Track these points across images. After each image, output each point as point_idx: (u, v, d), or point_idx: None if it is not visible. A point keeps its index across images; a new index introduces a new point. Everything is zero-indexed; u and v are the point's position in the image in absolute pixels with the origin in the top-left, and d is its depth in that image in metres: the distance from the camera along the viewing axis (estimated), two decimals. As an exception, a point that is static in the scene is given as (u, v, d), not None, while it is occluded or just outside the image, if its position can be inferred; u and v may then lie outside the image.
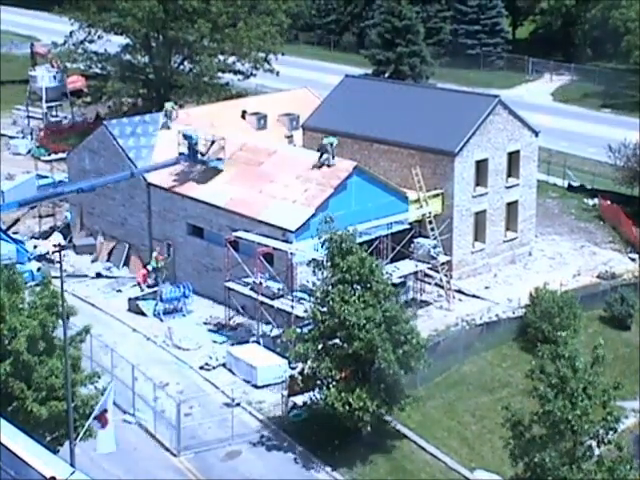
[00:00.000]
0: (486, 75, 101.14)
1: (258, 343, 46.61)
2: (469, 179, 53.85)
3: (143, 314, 50.68)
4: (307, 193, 49.56)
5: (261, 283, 46.79)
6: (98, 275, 55.09)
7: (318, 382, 39.81)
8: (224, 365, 45.62)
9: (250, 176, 52.11)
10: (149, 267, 53.03)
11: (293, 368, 42.35)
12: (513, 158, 56.13)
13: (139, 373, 42.97)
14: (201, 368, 45.66)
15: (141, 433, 40.95)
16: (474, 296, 52.97)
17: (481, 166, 54.41)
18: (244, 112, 61.72)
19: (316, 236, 40.92)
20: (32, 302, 33.06)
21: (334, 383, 38.92)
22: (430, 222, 52.16)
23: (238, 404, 42.41)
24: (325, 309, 38.92)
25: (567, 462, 32.99)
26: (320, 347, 39.13)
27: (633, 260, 58.22)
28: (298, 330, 41.24)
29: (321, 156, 50.99)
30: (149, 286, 52.36)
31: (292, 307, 45.40)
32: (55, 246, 52.67)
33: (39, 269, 52.05)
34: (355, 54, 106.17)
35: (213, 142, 53.29)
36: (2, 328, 31.98)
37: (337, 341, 39.07)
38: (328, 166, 50.70)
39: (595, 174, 70.82)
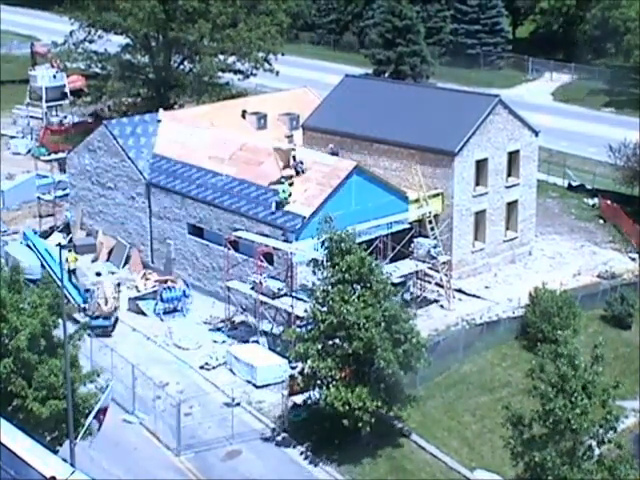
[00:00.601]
0: (486, 75, 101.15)
1: (258, 343, 46.66)
2: (469, 179, 53.85)
3: (143, 314, 50.71)
4: (307, 193, 49.56)
5: (261, 282, 46.81)
6: (98, 274, 55.10)
7: (318, 382, 39.80)
8: (224, 364, 45.63)
9: (250, 176, 52.04)
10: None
11: (293, 368, 42.34)
12: (513, 158, 56.15)
13: (139, 373, 42.98)
14: (201, 368, 45.65)
15: (141, 433, 40.95)
16: (474, 296, 52.97)
17: (481, 166, 54.41)
18: (244, 112, 61.74)
19: (316, 236, 40.93)
20: (33, 301, 33.11)
21: (334, 383, 38.90)
22: (430, 222, 52.16)
23: (238, 404, 42.40)
24: (325, 309, 38.92)
25: (567, 461, 33.01)
26: (320, 347, 39.12)
27: (633, 260, 58.24)
28: (298, 330, 41.26)
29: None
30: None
31: (292, 307, 45.41)
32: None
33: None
34: (355, 54, 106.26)
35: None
36: (3, 327, 32.02)
37: (337, 341, 39.07)
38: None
39: (595, 174, 70.84)
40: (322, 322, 38.64)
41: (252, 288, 47.53)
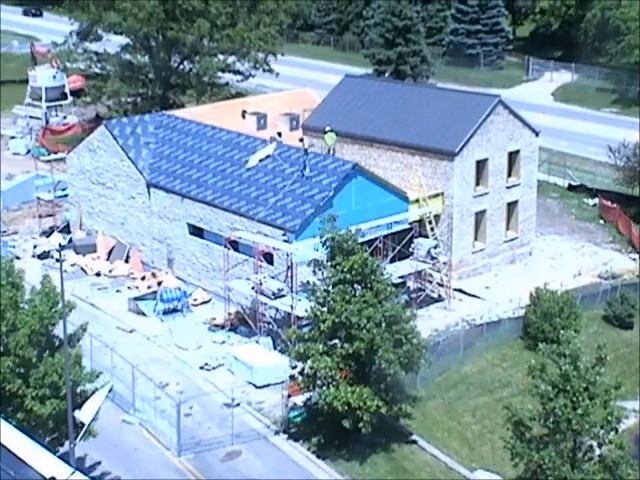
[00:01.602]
0: (486, 75, 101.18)
1: (258, 343, 46.63)
2: (469, 179, 53.81)
3: (143, 314, 50.66)
4: (307, 193, 49.48)
5: (261, 283, 46.76)
6: (98, 275, 55.09)
7: (318, 382, 39.74)
8: (224, 365, 45.57)
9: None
10: None
11: (294, 367, 42.26)
12: (513, 158, 56.13)
13: (139, 373, 42.93)
14: (201, 368, 45.61)
15: (141, 433, 40.91)
16: (474, 296, 52.93)
17: (481, 166, 54.39)
18: (244, 112, 61.73)
19: (317, 235, 40.87)
20: (30, 299, 33.06)
21: (334, 383, 38.86)
22: (430, 222, 52.13)
23: (238, 404, 42.35)
24: (325, 309, 38.87)
25: (568, 462, 32.97)
26: (320, 347, 39.06)
27: (634, 260, 58.21)
28: (298, 330, 41.21)
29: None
30: None
31: (292, 307, 45.37)
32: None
33: None
34: (355, 53, 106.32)
35: None
36: (0, 324, 31.96)
37: (337, 341, 39.02)
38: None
39: (595, 174, 70.84)
40: (323, 322, 38.60)
41: (252, 288, 47.49)
